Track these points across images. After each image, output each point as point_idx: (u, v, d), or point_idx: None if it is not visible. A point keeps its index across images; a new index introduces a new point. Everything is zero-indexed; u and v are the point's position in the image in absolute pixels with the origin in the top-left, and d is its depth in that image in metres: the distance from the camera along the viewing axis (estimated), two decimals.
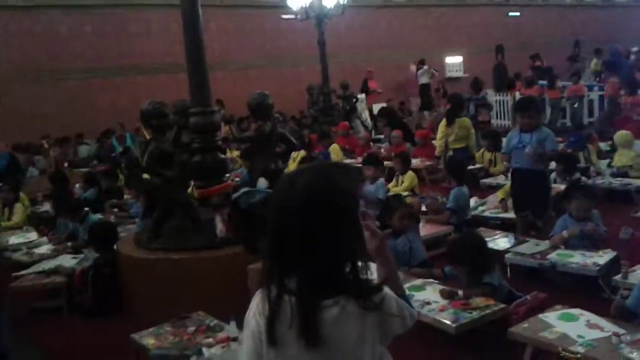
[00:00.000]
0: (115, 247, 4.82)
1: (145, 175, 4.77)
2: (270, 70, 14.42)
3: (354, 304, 1.45)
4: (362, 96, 12.92)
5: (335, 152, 9.31)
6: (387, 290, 1.54)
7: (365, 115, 12.62)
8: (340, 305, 1.44)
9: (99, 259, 4.71)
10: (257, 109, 5.02)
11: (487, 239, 4.69)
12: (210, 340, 3.17)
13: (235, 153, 8.62)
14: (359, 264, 1.49)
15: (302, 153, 7.73)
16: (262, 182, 4.73)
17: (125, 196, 7.34)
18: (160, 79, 12.79)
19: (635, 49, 15.79)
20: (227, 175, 4.74)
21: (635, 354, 2.62)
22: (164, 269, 4.24)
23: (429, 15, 17.06)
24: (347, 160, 9.34)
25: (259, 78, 13.31)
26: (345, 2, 12.19)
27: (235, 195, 4.48)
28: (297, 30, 13.97)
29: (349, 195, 1.53)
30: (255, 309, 1.51)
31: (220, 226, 4.28)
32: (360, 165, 6.45)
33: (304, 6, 12.02)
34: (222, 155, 4.74)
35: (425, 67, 14.79)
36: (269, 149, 4.94)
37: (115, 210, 6.86)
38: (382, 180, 6.01)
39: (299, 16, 12.38)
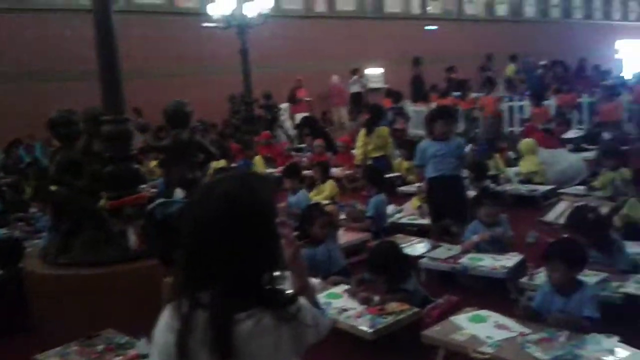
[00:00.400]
0: (20, 263, 4.56)
1: (53, 187, 4.53)
2: (193, 78, 14.12)
3: (269, 316, 1.43)
4: (284, 105, 12.95)
5: (259, 163, 9.27)
6: (302, 300, 1.54)
7: (288, 125, 12.65)
8: (256, 318, 1.42)
9: (4, 275, 4.45)
10: (174, 117, 4.90)
11: (403, 245, 4.82)
12: (120, 358, 3.04)
13: (154, 163, 8.38)
14: (276, 274, 1.49)
15: (222, 163, 7.63)
16: (178, 193, 4.60)
17: (32, 210, 6.98)
18: (75, 85, 12.22)
19: (543, 62, 16.81)
20: (143, 186, 4.59)
21: (538, 353, 2.75)
22: (73, 284, 4.03)
23: (350, 27, 17.35)
24: (270, 170, 9.34)
25: (182, 86, 12.99)
26: (267, 11, 12.18)
27: (150, 206, 4.35)
28: (220, 39, 13.77)
29: (268, 204, 1.52)
30: (164, 323, 1.46)
31: (133, 239, 4.13)
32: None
33: (224, 15, 11.91)
34: (136, 165, 4.59)
35: (356, 76, 15.07)
36: (187, 159, 4.83)
37: (21, 224, 6.49)
38: (303, 190, 6.03)
39: (220, 25, 12.26)
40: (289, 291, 1.55)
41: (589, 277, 3.59)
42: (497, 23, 21.43)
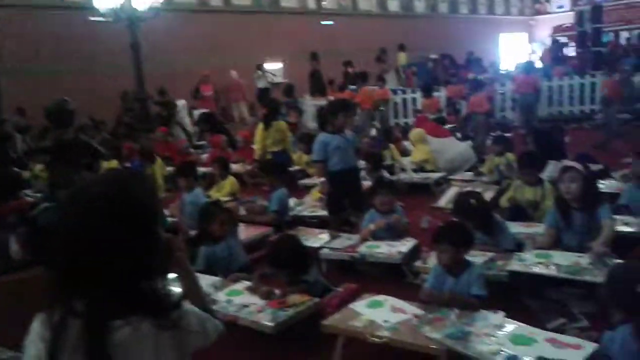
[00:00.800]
0: None
1: None
2: (82, 76, 13.36)
3: (148, 323, 1.37)
4: (181, 102, 12.59)
5: (158, 164, 8.94)
6: (187, 305, 1.48)
7: (186, 121, 12.32)
8: (133, 326, 1.35)
9: None
10: (57, 116, 4.62)
11: (304, 237, 4.87)
12: None
13: (39, 167, 7.85)
14: (157, 279, 1.42)
15: (114, 163, 7.29)
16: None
17: None
18: None
19: (433, 56, 17.60)
20: (25, 191, 4.29)
21: (432, 332, 2.87)
22: None
23: (247, 21, 17.18)
24: (169, 168, 9.05)
25: (70, 84, 12.25)
26: (159, 5, 11.78)
27: (33, 212, 4.07)
28: (111, 34, 13.15)
29: (145, 205, 1.45)
30: (35, 333, 1.37)
31: (15, 247, 3.85)
32: None
33: (113, 8, 11.38)
34: (19, 170, 4.29)
35: (260, 71, 14.96)
36: (72, 160, 4.56)
37: None
38: (199, 189, 5.89)
39: (109, 19, 11.69)
40: (176, 293, 1.50)
41: (477, 257, 3.81)
42: (389, 18, 22.13)
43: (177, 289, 1.56)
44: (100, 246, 1.35)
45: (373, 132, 8.70)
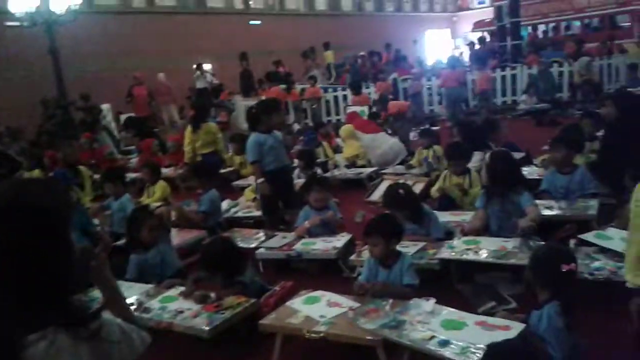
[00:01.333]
0: None
1: None
2: None
3: (65, 336, 1.30)
4: (106, 106, 12.17)
5: (84, 172, 8.59)
6: (107, 316, 1.43)
7: (113, 126, 11.93)
8: (49, 339, 1.27)
9: None
10: None
11: (240, 239, 4.84)
12: None
13: None
14: (71, 289, 1.36)
15: (37, 173, 6.95)
16: None
17: None
18: None
19: (361, 53, 17.86)
20: None
21: (367, 323, 2.90)
22: None
23: (173, 22, 16.84)
24: (95, 176, 8.73)
25: None
26: (77, 7, 11.34)
27: None
28: (27, 38, 12.54)
29: (49, 211, 1.37)
30: None
31: None
32: None
33: (28, 12, 10.86)
34: None
35: (199, 72, 14.62)
36: None
37: None
38: (126, 195, 5.72)
39: (25, 23, 11.15)
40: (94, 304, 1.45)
41: (409, 247, 3.90)
42: (317, 17, 22.30)
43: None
44: (6, 258, 1.28)
45: (296, 126, 8.72)
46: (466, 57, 17.30)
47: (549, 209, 4.38)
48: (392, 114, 9.73)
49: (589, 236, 3.74)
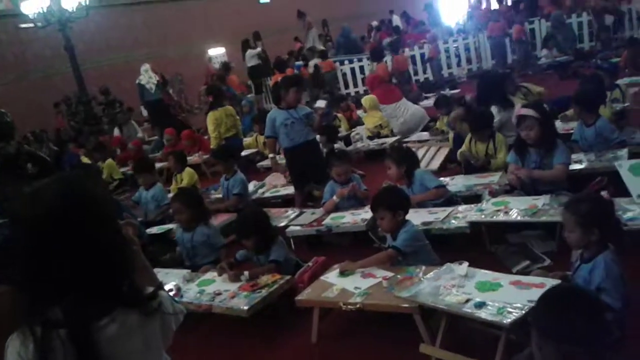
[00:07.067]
0: None
1: None
2: (19, 85, 12.89)
3: (134, 315, 1.37)
4: None
5: (111, 166, 8.77)
6: (161, 292, 1.51)
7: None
8: (119, 321, 1.34)
9: None
10: None
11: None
12: None
13: None
14: (130, 271, 1.43)
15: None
16: None
17: None
18: None
19: (374, 23, 17.62)
20: None
21: (402, 291, 2.92)
22: None
23: (183, 9, 16.81)
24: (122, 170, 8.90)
25: (6, 96, 11.83)
26: (88, 2, 11.40)
27: None
28: (41, 38, 12.70)
29: (105, 202, 1.44)
30: (15, 357, 1.30)
31: None
32: None
33: (41, 12, 10.96)
34: None
35: (251, 49, 14.34)
36: (19, 172, 4.41)
37: None
38: (158, 184, 5.81)
39: (38, 24, 11.26)
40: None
41: (438, 213, 3.91)
42: None
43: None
44: (64, 250, 1.31)
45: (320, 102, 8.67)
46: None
47: (578, 163, 4.32)
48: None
49: (623, 170, 3.65)
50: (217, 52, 17.39)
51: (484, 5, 16.85)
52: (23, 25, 12.39)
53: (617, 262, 2.41)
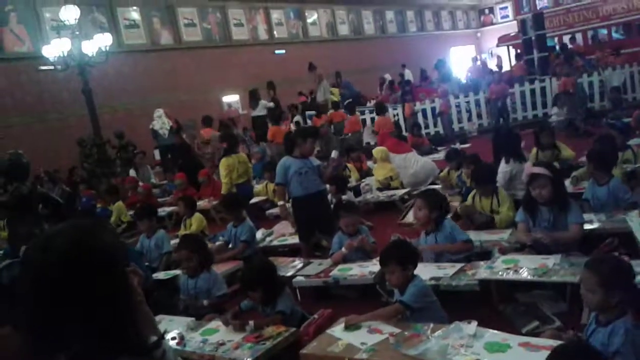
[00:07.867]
0: None
1: None
2: (35, 126, 13.12)
3: None
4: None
5: (120, 209, 8.82)
6: (164, 341, 1.50)
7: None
8: None
9: None
10: (11, 170, 4.51)
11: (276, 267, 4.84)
12: None
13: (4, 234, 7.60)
14: (136, 319, 1.42)
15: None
16: None
17: None
18: None
19: (387, 76, 17.98)
20: None
21: (409, 349, 2.87)
22: None
23: (201, 57, 17.23)
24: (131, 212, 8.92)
25: (23, 136, 12.05)
26: (108, 48, 11.73)
27: None
28: (59, 81, 13.01)
29: (117, 252, 1.43)
30: None
31: None
32: None
33: (62, 55, 11.28)
34: None
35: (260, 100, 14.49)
36: (31, 213, 4.46)
37: None
38: (161, 231, 5.81)
39: (58, 67, 11.57)
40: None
41: (447, 269, 3.87)
42: (341, 42, 22.52)
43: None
44: (76, 297, 1.31)
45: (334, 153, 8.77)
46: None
47: (589, 223, 4.29)
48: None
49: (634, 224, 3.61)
50: (231, 100, 17.73)
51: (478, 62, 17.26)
52: (42, 68, 12.72)
53: (638, 328, 2.35)
